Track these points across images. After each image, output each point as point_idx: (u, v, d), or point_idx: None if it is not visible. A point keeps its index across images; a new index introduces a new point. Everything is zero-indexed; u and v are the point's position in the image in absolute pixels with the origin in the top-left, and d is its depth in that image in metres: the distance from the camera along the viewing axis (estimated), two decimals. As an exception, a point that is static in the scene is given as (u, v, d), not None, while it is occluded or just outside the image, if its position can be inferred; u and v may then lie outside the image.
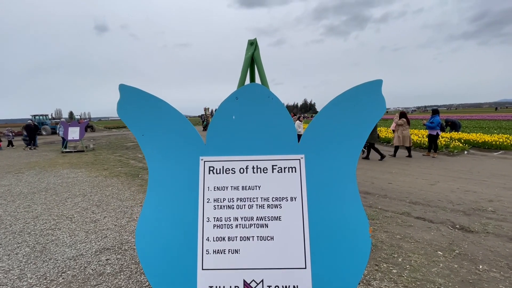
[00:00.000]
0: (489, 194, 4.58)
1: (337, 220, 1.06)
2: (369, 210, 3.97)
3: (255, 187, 1.09)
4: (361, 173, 6.53)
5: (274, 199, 1.07)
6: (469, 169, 6.70)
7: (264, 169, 1.10)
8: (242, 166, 1.10)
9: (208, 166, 1.10)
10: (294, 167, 1.09)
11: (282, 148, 1.12)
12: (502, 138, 9.53)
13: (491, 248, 2.75)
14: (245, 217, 1.07)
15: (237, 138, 1.13)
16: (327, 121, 1.12)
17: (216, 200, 1.08)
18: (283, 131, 1.13)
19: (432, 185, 5.27)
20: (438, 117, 8.27)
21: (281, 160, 1.10)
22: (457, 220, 3.51)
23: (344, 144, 1.10)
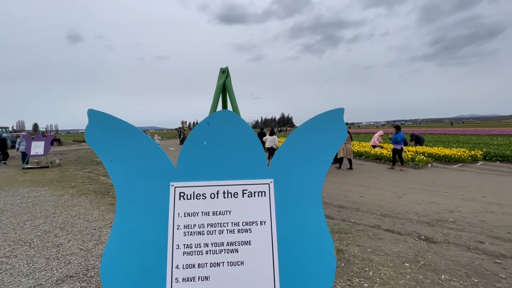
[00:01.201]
0: (450, 205, 4.94)
1: (304, 242, 1.10)
2: (343, 224, 4.09)
3: (226, 212, 1.11)
4: (336, 187, 6.75)
5: (244, 224, 1.10)
6: (433, 181, 7.19)
7: (235, 193, 1.13)
8: (213, 191, 1.12)
9: (178, 192, 1.11)
10: (263, 191, 1.13)
11: (252, 173, 1.16)
12: (460, 151, 10.41)
13: (452, 258, 2.95)
14: (216, 243, 1.07)
15: (209, 163, 1.15)
16: (294, 147, 1.19)
17: (186, 226, 1.08)
18: (253, 156, 1.17)
19: (400, 198, 5.58)
20: (401, 133, 9.03)
21: (251, 185, 1.14)
22: (422, 231, 3.73)
23: (310, 168, 1.17)
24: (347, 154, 9.34)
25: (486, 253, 3.06)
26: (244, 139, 1.18)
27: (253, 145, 1.18)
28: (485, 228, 3.79)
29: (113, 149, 1.11)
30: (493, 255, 3.02)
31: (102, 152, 1.11)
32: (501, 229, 3.76)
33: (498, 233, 3.61)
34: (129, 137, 1.12)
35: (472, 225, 3.92)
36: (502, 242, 3.34)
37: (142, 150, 1.13)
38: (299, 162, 1.18)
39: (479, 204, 4.95)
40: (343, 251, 3.11)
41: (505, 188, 6.20)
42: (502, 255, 3.02)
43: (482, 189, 6.17)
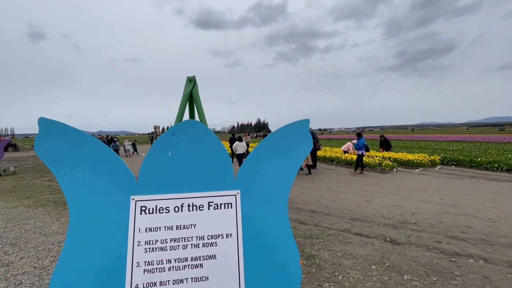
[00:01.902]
0: (412, 207, 5.28)
1: (271, 254, 1.10)
2: (315, 229, 4.18)
3: (191, 225, 1.07)
4: (308, 192, 6.90)
5: (210, 237, 1.07)
6: (397, 185, 7.65)
7: (200, 206, 1.09)
8: (177, 205, 1.08)
9: (140, 206, 1.05)
10: (230, 203, 1.12)
11: (219, 184, 1.14)
12: (421, 157, 11.22)
13: (414, 258, 3.13)
14: (179, 258, 1.03)
15: (173, 175, 1.11)
16: (261, 157, 1.19)
17: (147, 242, 1.02)
18: (219, 167, 1.16)
19: (368, 202, 5.85)
20: (363, 140, 9.59)
21: (218, 197, 1.12)
22: (388, 234, 3.93)
23: (277, 179, 1.18)
24: (307, 160, 9.72)
25: (443, 252, 3.30)
26: (210, 149, 1.16)
27: (220, 155, 1.17)
28: (442, 229, 4.09)
29: (66, 160, 1.03)
30: (449, 254, 3.26)
31: (54, 164, 1.02)
32: (456, 229, 4.08)
33: (453, 232, 3.92)
34: (84, 148, 1.05)
35: (431, 226, 4.21)
36: (457, 241, 3.63)
37: (100, 162, 1.06)
38: (266, 173, 1.18)
39: (437, 206, 5.34)
40: (315, 257, 3.17)
41: (459, 191, 6.77)
42: (457, 253, 3.27)
43: (440, 191, 6.68)
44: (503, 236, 3.74)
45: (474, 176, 8.88)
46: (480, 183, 7.83)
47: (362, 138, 9.68)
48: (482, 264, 2.98)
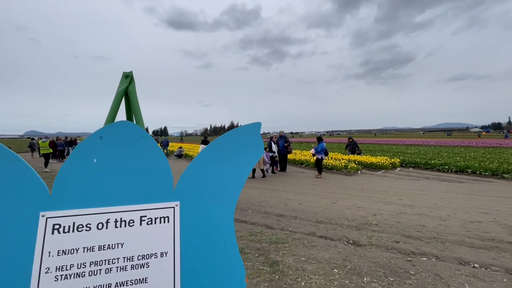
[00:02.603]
0: (374, 208, 5.50)
1: (213, 272, 0.98)
2: (281, 234, 4.13)
3: (117, 245, 0.91)
4: (277, 195, 6.90)
5: (140, 258, 0.92)
6: (361, 187, 7.98)
7: (130, 221, 0.94)
8: (101, 221, 0.91)
9: (52, 224, 0.87)
10: (167, 217, 0.98)
11: (154, 195, 0.99)
12: (383, 159, 11.90)
13: (373, 260, 3.21)
14: (101, 285, 0.86)
15: (98, 185, 0.94)
16: (206, 164, 1.07)
17: (59, 268, 0.84)
18: (156, 176, 1.01)
19: (334, 204, 5.99)
20: (323, 144, 9.94)
21: (152, 210, 0.97)
22: (351, 236, 4.02)
23: (223, 187, 1.07)
24: (259, 165, 9.82)
25: (401, 252, 3.44)
26: (146, 155, 1.01)
27: (157, 162, 1.02)
28: (400, 228, 4.28)
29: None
30: (406, 253, 3.40)
31: None
32: (412, 228, 4.30)
33: (409, 232, 4.12)
34: (-21, 154, 0.84)
35: (391, 226, 4.39)
36: (413, 240, 3.81)
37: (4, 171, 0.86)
38: (211, 181, 1.07)
39: (396, 206, 5.63)
40: (279, 263, 3.10)
41: (415, 191, 7.25)
42: (413, 252, 3.42)
43: (399, 192, 7.09)
44: (452, 234, 4.01)
45: (429, 177, 9.61)
46: (433, 184, 8.48)
47: (322, 143, 10.03)
48: (434, 262, 3.14)
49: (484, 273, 2.86)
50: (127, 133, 1.01)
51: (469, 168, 10.17)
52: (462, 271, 2.90)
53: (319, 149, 9.84)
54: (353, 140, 15.22)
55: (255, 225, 4.64)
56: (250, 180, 9.47)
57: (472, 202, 5.95)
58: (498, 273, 2.87)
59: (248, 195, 7.01)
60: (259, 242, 3.81)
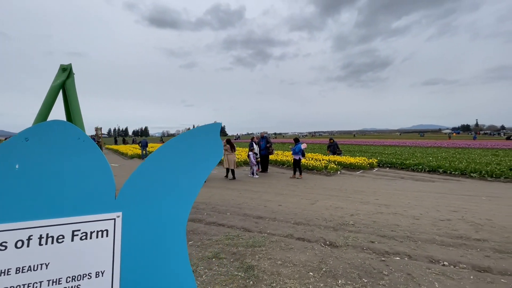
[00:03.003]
0: (351, 208, 5.57)
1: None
2: (259, 237, 4.05)
3: (40, 266, 0.77)
4: (257, 197, 6.82)
5: (70, 279, 0.79)
6: (340, 187, 8.10)
7: (59, 237, 0.81)
8: (22, 238, 0.77)
9: (-45, 244, 0.72)
10: (105, 230, 0.85)
11: (91, 206, 0.87)
12: (361, 160, 12.21)
13: (349, 261, 3.21)
14: (17, 315, 0.73)
15: (19, 196, 0.80)
16: (155, 169, 0.96)
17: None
18: (95, 184, 0.88)
19: (313, 204, 6.01)
20: (300, 145, 10.03)
21: (88, 223, 0.85)
22: (328, 237, 4.02)
23: (174, 195, 0.96)
24: (229, 165, 9.80)
25: (375, 252, 3.47)
26: (84, 160, 0.88)
27: (97, 168, 0.90)
28: (376, 228, 4.35)
29: None
30: (380, 253, 3.43)
31: None
32: (387, 228, 4.38)
33: (384, 232, 4.19)
34: None
35: (367, 226, 4.45)
36: (387, 239, 3.87)
37: None
38: (160, 188, 0.95)
39: (373, 206, 5.74)
40: (254, 268, 3.02)
41: (391, 191, 7.46)
42: (387, 252, 3.46)
43: (376, 192, 7.26)
44: (424, 232, 4.13)
45: (404, 177, 9.96)
46: (408, 183, 8.78)
47: (299, 144, 10.11)
48: (406, 261, 3.19)
49: (453, 270, 2.94)
50: (60, 134, 0.87)
51: (441, 167, 10.67)
52: (432, 269, 2.97)
53: (297, 150, 9.93)
54: (334, 141, 15.52)
55: (233, 228, 4.53)
56: (230, 182, 9.34)
57: (443, 200, 6.20)
58: (466, 270, 2.96)
59: (227, 197, 6.88)
60: (236, 246, 3.70)
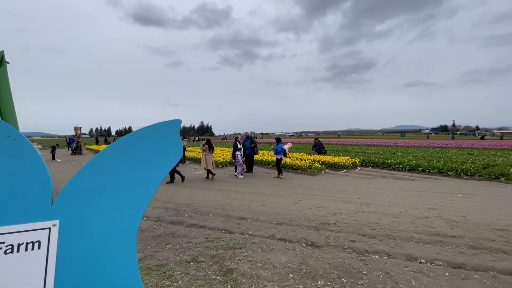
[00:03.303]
0: (334, 208, 5.60)
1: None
2: (240, 238, 3.97)
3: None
4: (240, 197, 6.73)
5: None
6: (323, 186, 8.16)
7: (-22, 252, 0.69)
8: None
9: None
10: (37, 242, 0.74)
11: (22, 214, 0.75)
12: (345, 159, 12.40)
13: (329, 261, 3.20)
14: None
15: None
16: (102, 170, 0.86)
17: None
18: (27, 188, 0.77)
19: (296, 204, 6.00)
20: (282, 145, 10.14)
21: (16, 233, 0.73)
22: (309, 237, 4.00)
23: (123, 199, 0.86)
24: (207, 165, 9.75)
25: (356, 251, 3.48)
26: (14, 161, 0.77)
27: (31, 170, 0.78)
28: (356, 227, 4.38)
29: None
30: (360, 252, 3.44)
31: None
32: (367, 226, 4.43)
33: (365, 230, 4.23)
34: None
35: (348, 225, 4.48)
36: (367, 238, 3.90)
37: None
38: (107, 191, 0.85)
39: (355, 205, 5.81)
40: (232, 271, 2.93)
41: (372, 190, 7.59)
42: (366, 251, 3.48)
43: (358, 191, 7.37)
44: (403, 230, 4.20)
45: (385, 176, 10.20)
46: (389, 182, 8.99)
47: (281, 143, 10.19)
48: (385, 259, 3.22)
49: (429, 268, 2.99)
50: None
51: (420, 166, 11.02)
52: (410, 267, 3.00)
53: (279, 149, 9.95)
54: (319, 141, 15.71)
55: (214, 230, 4.42)
56: (214, 182, 9.19)
57: (421, 198, 6.38)
58: (441, 267, 3.01)
59: (210, 198, 6.75)
60: (215, 248, 3.60)
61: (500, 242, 3.67)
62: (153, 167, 0.92)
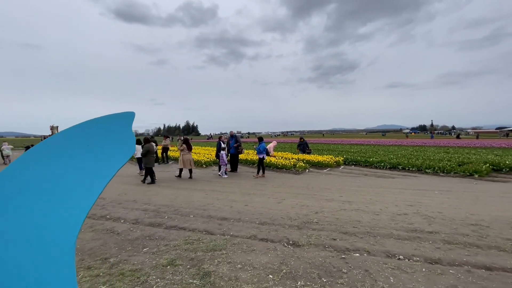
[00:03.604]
0: (316, 206, 5.61)
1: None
2: (220, 239, 3.86)
3: None
4: (223, 197, 6.62)
5: None
6: (307, 185, 8.19)
7: None
8: None
9: None
10: None
11: None
12: (329, 158, 12.56)
13: (309, 260, 3.16)
14: None
15: None
16: (33, 168, 0.74)
17: None
18: None
19: (279, 203, 5.96)
20: (264, 144, 9.99)
21: None
22: (291, 236, 3.96)
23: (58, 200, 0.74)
24: (185, 165, 9.62)
25: (336, 249, 3.47)
26: None
27: None
28: (338, 225, 4.39)
29: None
30: (341, 250, 3.44)
31: None
32: (349, 224, 4.45)
33: (346, 228, 4.24)
34: None
35: (330, 224, 4.48)
36: (348, 236, 3.92)
37: None
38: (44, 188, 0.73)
39: (337, 203, 5.85)
40: (211, 274, 2.83)
41: (355, 188, 7.71)
42: (347, 249, 3.48)
43: (341, 189, 7.45)
44: (383, 228, 4.25)
45: (367, 174, 10.40)
46: (370, 180, 9.18)
47: (262, 143, 10.04)
48: (365, 257, 3.23)
49: (407, 264, 3.02)
50: None
51: (400, 164, 11.35)
52: (388, 264, 3.02)
53: (261, 149, 9.82)
54: (304, 140, 15.84)
55: (194, 231, 4.28)
56: (197, 182, 9.00)
57: (401, 196, 6.53)
58: (419, 263, 3.06)
59: (193, 198, 6.58)
60: (194, 251, 3.48)
61: (474, 237, 3.79)
62: (98, 165, 0.80)
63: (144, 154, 9.01)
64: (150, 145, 9.08)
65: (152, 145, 9.34)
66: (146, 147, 9.05)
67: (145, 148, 9.04)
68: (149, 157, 8.98)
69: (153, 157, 9.12)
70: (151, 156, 9.01)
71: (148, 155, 8.96)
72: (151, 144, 9.24)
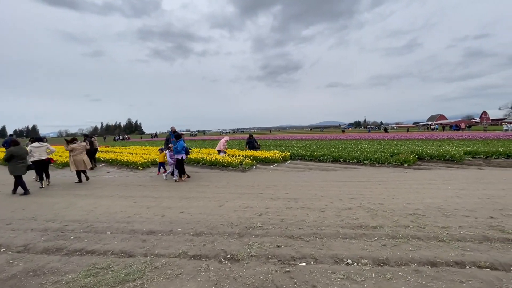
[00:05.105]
0: (261, 207, 5.11)
1: None
2: (138, 264, 3.00)
3: None
4: (156, 205, 5.63)
5: None
6: (253, 183, 7.71)
7: None
8: None
9: None
10: None
11: None
12: (275, 154, 12.40)
13: (249, 279, 2.58)
14: None
15: None
16: None
17: None
18: None
19: (221, 206, 5.29)
20: (183, 142, 8.51)
21: None
22: (230, 248, 3.33)
23: None
24: (79, 166, 8.79)
25: (281, 260, 2.98)
26: None
27: None
28: (283, 228, 3.94)
29: None
30: (285, 260, 2.96)
31: None
32: (295, 225, 4.04)
33: (292, 231, 3.82)
34: None
35: (274, 227, 4.01)
36: (293, 241, 3.48)
37: None
38: None
39: (282, 201, 5.46)
40: (107, 325, 2.00)
41: (300, 183, 7.52)
42: (292, 257, 3.02)
43: (287, 185, 7.16)
44: (329, 226, 3.96)
45: (312, 168, 10.48)
46: (315, 174, 9.20)
47: (181, 140, 8.48)
48: (312, 266, 2.80)
49: (356, 270, 2.68)
50: None
51: (341, 157, 11.83)
52: (337, 273, 2.64)
53: (179, 148, 8.33)
54: (252, 137, 15.46)
55: (106, 254, 3.31)
56: (127, 188, 7.69)
57: (344, 188, 6.53)
58: (367, 266, 2.75)
59: (116, 209, 5.43)
60: (98, 285, 2.56)
61: (413, 228, 3.75)
62: None
63: (7, 159, 7.26)
64: (16, 148, 7.36)
65: (22, 148, 7.58)
66: (9, 150, 7.29)
67: (8, 152, 7.29)
68: (14, 164, 7.27)
69: (21, 163, 7.37)
70: (17, 162, 7.30)
71: (12, 160, 7.26)
72: (20, 147, 7.50)
